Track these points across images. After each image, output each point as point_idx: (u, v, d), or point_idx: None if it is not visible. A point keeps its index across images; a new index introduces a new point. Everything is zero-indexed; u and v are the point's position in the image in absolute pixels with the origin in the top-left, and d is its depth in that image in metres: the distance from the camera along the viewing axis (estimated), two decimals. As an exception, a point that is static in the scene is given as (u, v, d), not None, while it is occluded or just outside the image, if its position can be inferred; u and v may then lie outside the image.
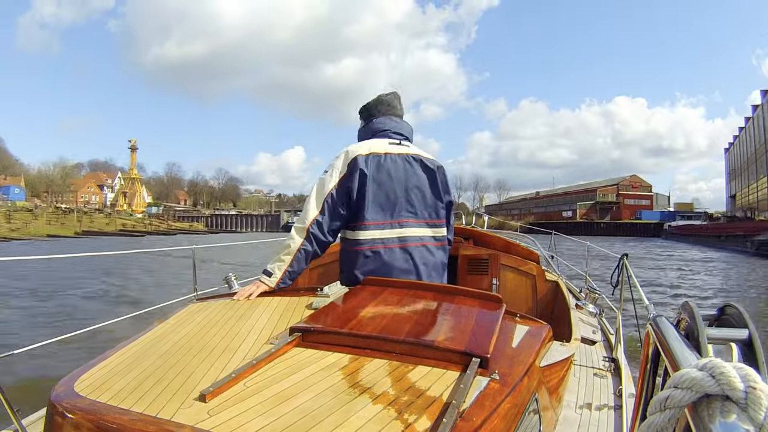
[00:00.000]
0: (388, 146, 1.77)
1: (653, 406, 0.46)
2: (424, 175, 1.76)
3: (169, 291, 8.21)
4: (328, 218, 1.67)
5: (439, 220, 1.80)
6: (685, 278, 14.96)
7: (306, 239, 1.66)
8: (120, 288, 10.52)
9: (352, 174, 1.67)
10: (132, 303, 7.75)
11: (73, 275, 11.72)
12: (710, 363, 0.44)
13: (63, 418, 0.78)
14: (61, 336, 1.95)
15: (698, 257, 24.38)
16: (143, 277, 12.47)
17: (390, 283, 1.50)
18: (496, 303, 1.31)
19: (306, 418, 0.74)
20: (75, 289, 10.04)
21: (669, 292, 11.45)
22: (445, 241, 1.84)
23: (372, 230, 1.69)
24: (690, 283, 13.69)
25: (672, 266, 18.78)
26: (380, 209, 1.70)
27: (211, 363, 0.95)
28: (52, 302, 8.57)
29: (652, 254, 25.46)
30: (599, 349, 2.26)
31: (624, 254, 2.51)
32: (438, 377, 0.87)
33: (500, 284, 2.65)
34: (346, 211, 1.70)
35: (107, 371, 0.93)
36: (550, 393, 1.11)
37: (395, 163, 1.73)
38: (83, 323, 2.38)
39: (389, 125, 1.84)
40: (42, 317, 7.21)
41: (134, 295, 9.30)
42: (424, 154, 1.80)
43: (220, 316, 1.25)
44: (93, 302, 8.75)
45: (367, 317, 1.16)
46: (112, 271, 12.84)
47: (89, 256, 10.43)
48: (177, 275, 11.32)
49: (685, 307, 0.70)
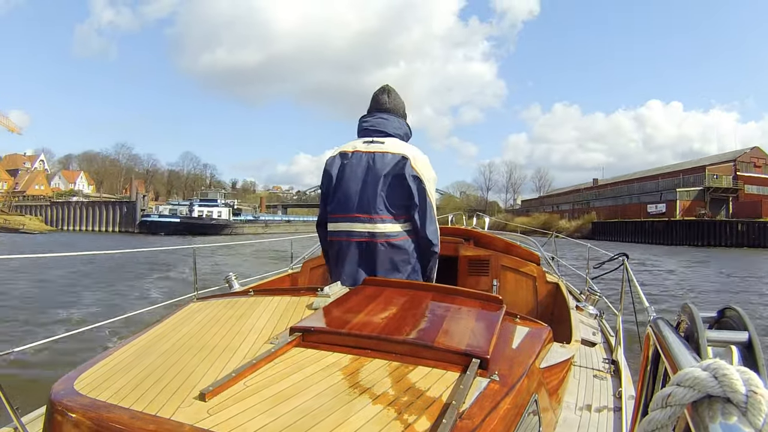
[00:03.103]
0: (360, 144, 1.84)
1: (655, 402, 0.46)
2: (381, 169, 1.77)
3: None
4: (321, 213, 1.94)
5: (389, 216, 1.78)
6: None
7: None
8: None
9: (323, 174, 1.89)
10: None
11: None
12: (714, 364, 0.44)
13: (63, 417, 0.78)
14: (60, 334, 1.95)
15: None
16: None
17: (390, 283, 1.50)
18: (496, 304, 1.31)
19: (306, 418, 0.74)
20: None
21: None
22: (400, 237, 1.79)
23: (333, 223, 1.86)
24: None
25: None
26: (339, 204, 1.84)
27: (211, 362, 0.95)
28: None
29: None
30: (599, 350, 2.26)
31: (624, 255, 2.51)
32: (438, 378, 0.87)
33: (500, 285, 2.65)
34: (323, 206, 1.91)
35: (107, 370, 0.93)
36: (549, 394, 1.11)
37: (359, 160, 1.81)
38: (83, 322, 2.37)
39: (368, 123, 1.90)
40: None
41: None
42: (392, 149, 1.80)
43: (221, 315, 1.25)
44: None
45: (367, 317, 1.16)
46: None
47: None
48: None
49: (685, 309, 0.70)
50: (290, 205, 75.71)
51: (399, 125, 1.91)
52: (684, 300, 5.34)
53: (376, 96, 1.95)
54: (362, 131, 1.90)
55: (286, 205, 75.68)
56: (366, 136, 1.87)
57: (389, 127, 1.87)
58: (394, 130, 1.88)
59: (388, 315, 1.18)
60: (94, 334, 2.17)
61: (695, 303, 0.70)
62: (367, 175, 1.79)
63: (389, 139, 1.84)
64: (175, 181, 76.39)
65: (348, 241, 1.81)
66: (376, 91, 1.97)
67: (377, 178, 1.77)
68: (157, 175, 74.15)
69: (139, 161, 72.05)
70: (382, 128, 1.86)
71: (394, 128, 1.88)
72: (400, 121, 1.93)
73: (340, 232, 1.83)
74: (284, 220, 63.64)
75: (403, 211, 1.79)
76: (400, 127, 1.91)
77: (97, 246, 24.39)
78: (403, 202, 1.78)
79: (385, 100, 1.93)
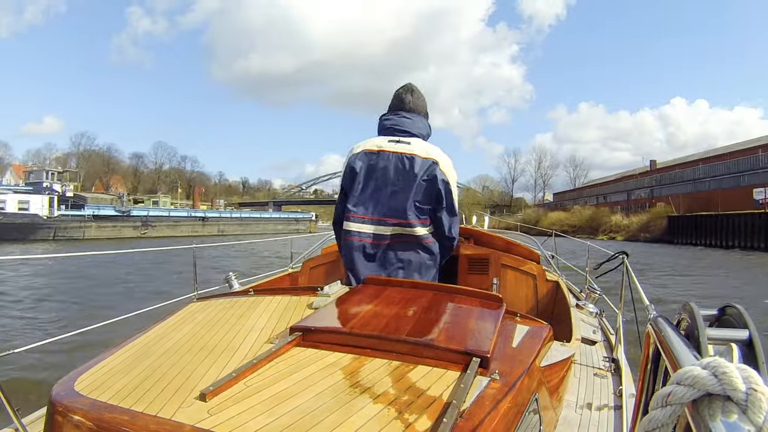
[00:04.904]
0: (385, 144, 1.80)
1: (655, 402, 0.46)
2: (413, 174, 1.75)
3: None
4: (339, 210, 1.89)
5: (420, 220, 1.78)
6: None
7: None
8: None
9: (345, 170, 1.83)
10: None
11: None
12: (714, 362, 0.44)
13: (63, 417, 0.78)
14: (60, 335, 1.95)
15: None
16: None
17: (390, 282, 1.50)
18: (496, 303, 1.31)
19: (306, 418, 0.74)
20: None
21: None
22: (428, 239, 1.81)
23: (353, 223, 1.81)
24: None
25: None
26: (363, 204, 1.80)
27: (211, 362, 0.95)
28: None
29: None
30: (599, 349, 2.26)
31: (624, 253, 2.50)
32: (438, 377, 0.87)
33: (500, 284, 2.65)
34: (341, 203, 1.85)
35: (107, 370, 0.93)
36: (550, 393, 1.11)
37: (386, 160, 1.77)
38: (83, 323, 2.37)
39: (391, 122, 1.86)
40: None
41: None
42: (419, 152, 1.78)
43: (221, 315, 1.25)
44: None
45: (367, 317, 1.16)
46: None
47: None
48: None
49: (685, 307, 0.70)
50: (284, 202, 73.36)
51: (422, 125, 1.89)
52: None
53: (400, 95, 1.92)
54: (385, 130, 1.86)
55: (279, 202, 73.08)
56: (389, 135, 1.84)
57: (413, 127, 1.85)
58: (418, 130, 1.86)
59: (389, 314, 1.18)
60: (93, 334, 2.16)
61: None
62: (398, 179, 1.76)
63: (414, 139, 1.82)
64: (142, 175, 67.15)
65: (376, 243, 1.79)
66: (398, 90, 1.94)
67: (410, 183, 1.75)
68: (119, 167, 64.94)
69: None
70: (406, 128, 1.84)
71: (418, 128, 1.86)
72: (423, 121, 1.91)
73: (363, 233, 1.80)
74: (233, 217, 46.77)
75: (431, 213, 1.79)
76: (423, 127, 1.90)
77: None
78: (432, 205, 1.78)
79: (409, 99, 1.90)
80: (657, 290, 7.27)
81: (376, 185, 1.78)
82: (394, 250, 1.79)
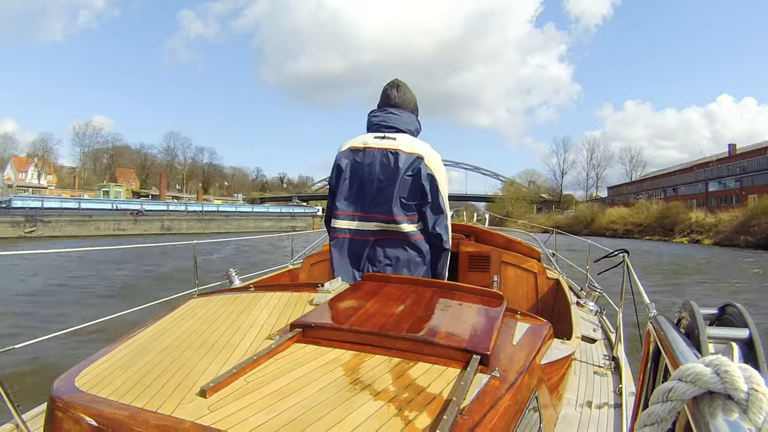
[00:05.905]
0: (370, 140, 1.81)
1: (656, 396, 0.46)
2: (398, 169, 1.74)
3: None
4: (329, 208, 1.89)
5: (407, 217, 1.77)
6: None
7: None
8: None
9: (333, 168, 1.84)
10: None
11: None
12: (716, 360, 0.44)
13: (64, 413, 0.78)
14: (61, 331, 1.95)
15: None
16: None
17: (390, 279, 1.50)
18: (496, 300, 1.31)
19: (306, 414, 0.74)
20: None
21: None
22: (416, 237, 1.79)
23: (340, 220, 1.82)
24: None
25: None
26: (349, 201, 1.81)
27: (211, 358, 0.95)
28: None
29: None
30: (600, 347, 2.26)
31: (624, 251, 2.50)
32: (438, 374, 0.87)
33: (501, 281, 2.65)
34: (332, 201, 1.87)
35: (107, 366, 0.93)
36: (550, 391, 1.11)
37: (372, 157, 1.77)
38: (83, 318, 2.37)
39: (378, 118, 1.86)
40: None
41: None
42: (404, 147, 1.77)
43: (221, 311, 1.25)
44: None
45: (367, 314, 1.16)
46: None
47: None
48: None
49: (685, 305, 0.70)
50: (310, 197, 72.73)
51: (409, 120, 1.88)
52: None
53: (386, 91, 1.92)
54: (372, 126, 1.87)
55: (304, 196, 73.09)
56: (376, 131, 1.84)
57: (400, 123, 1.85)
58: (405, 125, 1.86)
59: (389, 311, 1.18)
60: (94, 330, 2.17)
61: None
62: (383, 175, 1.76)
63: (400, 134, 1.82)
64: (151, 167, 64.93)
65: (363, 240, 1.79)
66: (385, 86, 1.94)
67: (394, 179, 1.74)
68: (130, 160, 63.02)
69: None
70: (392, 123, 1.84)
71: (404, 123, 1.86)
72: (410, 116, 1.90)
73: (350, 230, 1.81)
74: (190, 211, 39.68)
75: (417, 209, 1.78)
76: (411, 122, 1.89)
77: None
78: (418, 201, 1.77)
79: (395, 94, 1.90)
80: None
81: (361, 182, 1.78)
82: (382, 247, 1.79)
